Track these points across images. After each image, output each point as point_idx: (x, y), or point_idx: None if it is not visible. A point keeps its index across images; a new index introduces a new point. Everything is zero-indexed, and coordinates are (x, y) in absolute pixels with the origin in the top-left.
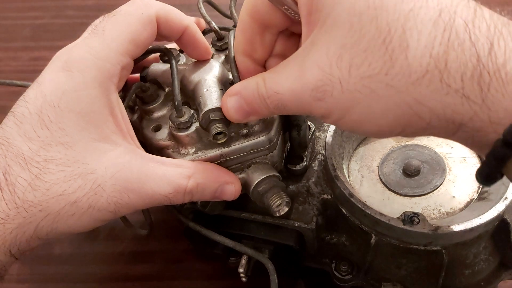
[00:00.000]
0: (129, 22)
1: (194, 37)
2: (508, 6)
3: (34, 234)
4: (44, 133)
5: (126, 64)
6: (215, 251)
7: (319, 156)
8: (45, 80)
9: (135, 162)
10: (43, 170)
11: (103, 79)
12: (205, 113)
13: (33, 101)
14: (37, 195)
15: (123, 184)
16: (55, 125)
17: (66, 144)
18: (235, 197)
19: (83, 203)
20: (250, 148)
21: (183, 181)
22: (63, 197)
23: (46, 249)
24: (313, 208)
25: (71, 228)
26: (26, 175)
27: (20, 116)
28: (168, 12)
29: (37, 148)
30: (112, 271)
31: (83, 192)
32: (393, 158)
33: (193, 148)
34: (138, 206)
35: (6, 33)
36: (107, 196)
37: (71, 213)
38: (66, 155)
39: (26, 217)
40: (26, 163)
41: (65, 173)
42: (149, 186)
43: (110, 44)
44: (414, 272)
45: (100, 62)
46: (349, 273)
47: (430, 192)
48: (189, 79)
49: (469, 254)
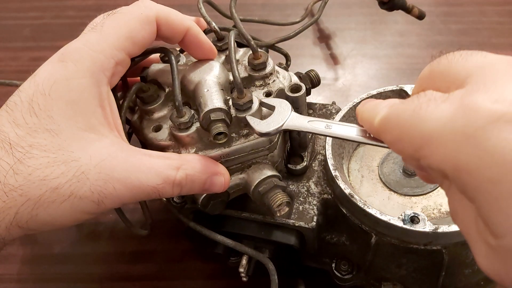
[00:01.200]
0: (128, 20)
1: (197, 38)
2: (508, 6)
3: (14, 221)
4: (32, 120)
5: (121, 60)
6: (216, 251)
7: (319, 156)
8: (40, 71)
9: (121, 153)
10: (26, 155)
11: (95, 70)
12: (205, 113)
13: (26, 90)
14: (18, 179)
15: (108, 173)
16: (44, 112)
17: (53, 132)
18: (224, 189)
19: (65, 189)
20: (250, 148)
21: (172, 172)
22: (45, 182)
23: (46, 249)
24: (314, 208)
25: (51, 217)
26: (9, 159)
27: (12, 105)
28: (169, 14)
29: (23, 134)
30: (112, 271)
31: (65, 179)
32: (393, 158)
33: (194, 148)
34: (124, 198)
35: (6, 33)
36: (91, 185)
37: (52, 199)
38: (51, 142)
39: (6, 201)
40: (11, 147)
41: (48, 159)
42: (136, 176)
43: (106, 38)
44: (414, 271)
45: (94, 54)
46: (349, 273)
47: (430, 191)
48: (189, 79)
49: (469, 254)
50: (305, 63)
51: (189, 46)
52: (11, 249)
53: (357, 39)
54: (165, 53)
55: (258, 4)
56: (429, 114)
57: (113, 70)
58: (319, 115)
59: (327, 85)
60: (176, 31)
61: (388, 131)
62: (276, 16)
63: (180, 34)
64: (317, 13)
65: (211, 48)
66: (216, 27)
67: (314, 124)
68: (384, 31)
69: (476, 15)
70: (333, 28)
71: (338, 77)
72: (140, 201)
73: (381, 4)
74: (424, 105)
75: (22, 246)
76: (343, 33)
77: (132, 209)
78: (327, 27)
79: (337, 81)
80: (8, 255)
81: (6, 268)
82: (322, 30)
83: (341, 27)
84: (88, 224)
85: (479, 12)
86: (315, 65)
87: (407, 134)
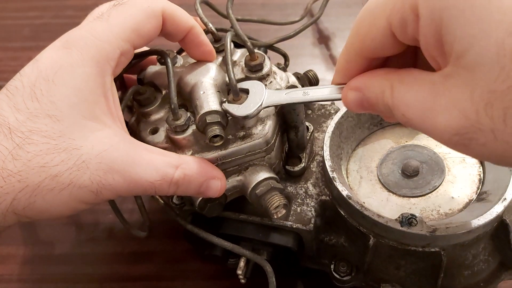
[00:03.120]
0: (135, 12)
1: (199, 39)
2: None
3: (11, 207)
4: (34, 105)
5: (126, 51)
6: (214, 253)
7: (317, 157)
8: (42, 57)
9: (123, 145)
10: (26, 140)
11: (100, 59)
12: (201, 115)
13: (27, 75)
14: (17, 164)
15: (109, 163)
16: (46, 98)
17: (54, 118)
18: (219, 194)
19: (65, 178)
20: (247, 150)
21: (171, 170)
22: (44, 169)
23: (46, 249)
24: (312, 209)
25: (49, 205)
26: (8, 144)
27: (12, 89)
28: (175, 10)
29: (24, 119)
30: (112, 271)
31: (65, 167)
32: (392, 159)
33: (190, 150)
34: (121, 191)
35: (6, 33)
36: (91, 174)
37: (51, 187)
38: (52, 128)
39: (3, 186)
40: (11, 132)
41: (49, 146)
42: (136, 170)
43: (112, 28)
44: (413, 273)
45: (100, 43)
46: (348, 274)
47: (429, 193)
48: (185, 82)
49: (468, 255)
50: (304, 63)
51: (189, 46)
52: (11, 249)
53: None
54: (161, 55)
55: (258, 4)
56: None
57: (118, 61)
58: (318, 115)
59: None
60: (179, 29)
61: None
62: (276, 16)
63: (183, 32)
64: (318, 12)
65: (211, 50)
66: (213, 28)
67: (291, 94)
68: None
69: None
70: (333, 28)
71: None
72: (136, 195)
73: None
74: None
75: (22, 246)
76: (343, 33)
77: (130, 209)
78: (327, 27)
79: None
80: (8, 255)
81: (6, 268)
82: (322, 30)
83: (341, 27)
84: (87, 225)
85: None
86: (314, 65)
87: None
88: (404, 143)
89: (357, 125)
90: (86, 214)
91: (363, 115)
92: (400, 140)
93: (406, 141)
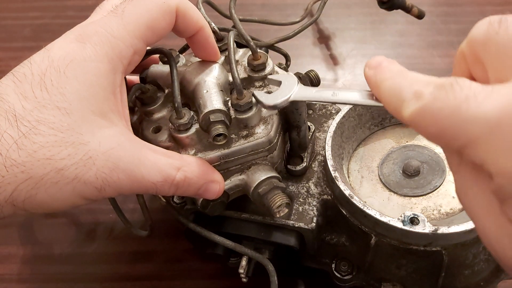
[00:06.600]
0: (150, 8)
1: (207, 40)
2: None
3: (10, 198)
4: (43, 94)
5: (139, 49)
6: (216, 252)
7: (319, 157)
8: (55, 47)
9: (129, 144)
10: (33, 130)
11: (113, 57)
12: (205, 114)
13: (38, 64)
14: (22, 154)
15: (115, 162)
16: (56, 89)
17: (63, 110)
18: (216, 197)
19: (70, 172)
20: (250, 150)
21: (173, 172)
22: (50, 162)
23: (46, 249)
24: (313, 208)
25: (51, 198)
26: (13, 132)
27: (20, 76)
28: (188, 8)
29: (31, 108)
30: (112, 271)
31: (72, 161)
32: (393, 159)
33: (193, 149)
34: (124, 189)
35: (6, 33)
36: (97, 171)
37: (55, 180)
38: (60, 121)
39: (5, 176)
40: (16, 120)
41: (56, 138)
42: (140, 170)
43: (127, 25)
44: (414, 272)
45: (114, 40)
46: (349, 273)
47: (429, 192)
48: (188, 81)
49: (469, 255)
50: (305, 63)
51: (196, 45)
52: (11, 249)
53: (357, 39)
54: (165, 54)
55: (258, 4)
56: (472, 114)
57: (130, 59)
58: (319, 115)
59: (327, 85)
60: (190, 27)
61: (423, 127)
62: (276, 16)
63: (193, 31)
64: (316, 13)
65: (216, 52)
66: (215, 27)
67: (321, 93)
68: (384, 31)
69: (476, 15)
70: (333, 28)
71: (338, 77)
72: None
73: (380, 4)
74: (464, 105)
75: (22, 246)
76: (343, 33)
77: (132, 209)
78: (327, 27)
79: (337, 81)
80: (8, 255)
81: (6, 268)
82: (322, 30)
83: (341, 27)
84: (88, 224)
85: (479, 12)
86: (315, 65)
87: (446, 133)
88: (405, 143)
89: (358, 125)
90: (86, 214)
91: (364, 115)
92: (401, 140)
93: (407, 141)
